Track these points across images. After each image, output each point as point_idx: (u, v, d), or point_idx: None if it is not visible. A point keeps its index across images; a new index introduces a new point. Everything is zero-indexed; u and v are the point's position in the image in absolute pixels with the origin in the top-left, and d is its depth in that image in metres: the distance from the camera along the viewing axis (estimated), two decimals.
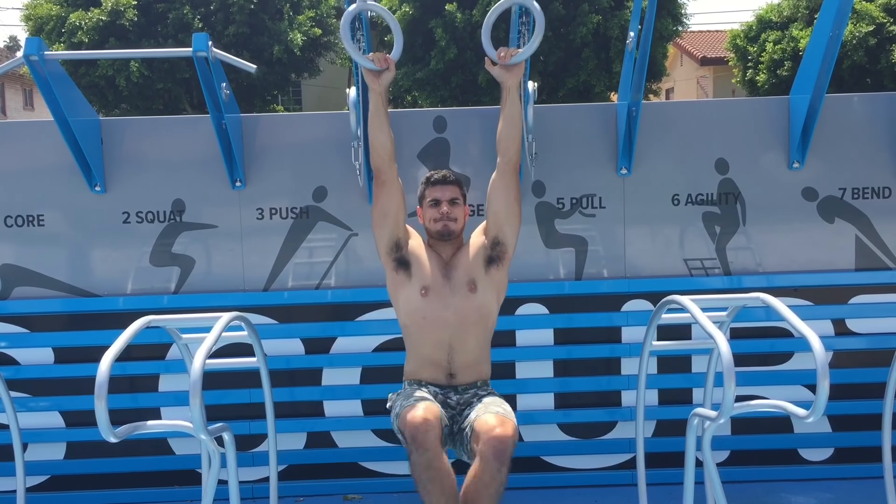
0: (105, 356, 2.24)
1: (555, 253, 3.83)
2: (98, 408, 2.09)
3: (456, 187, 3.20)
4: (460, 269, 3.12)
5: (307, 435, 3.86)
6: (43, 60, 3.26)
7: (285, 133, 3.83)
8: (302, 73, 20.47)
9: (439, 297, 3.09)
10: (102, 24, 17.37)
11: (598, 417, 3.86)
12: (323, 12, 20.01)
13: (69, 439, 3.83)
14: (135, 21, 17.66)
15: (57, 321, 3.79)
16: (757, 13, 21.72)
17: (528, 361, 3.84)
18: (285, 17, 18.97)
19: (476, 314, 3.10)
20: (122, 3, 17.64)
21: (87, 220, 3.78)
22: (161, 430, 2.36)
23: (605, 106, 3.83)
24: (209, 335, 2.36)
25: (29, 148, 3.77)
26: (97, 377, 2.15)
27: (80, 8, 18.02)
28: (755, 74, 21.23)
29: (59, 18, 18.12)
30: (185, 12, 18.00)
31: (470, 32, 18.54)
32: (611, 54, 18.73)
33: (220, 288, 3.81)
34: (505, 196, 3.13)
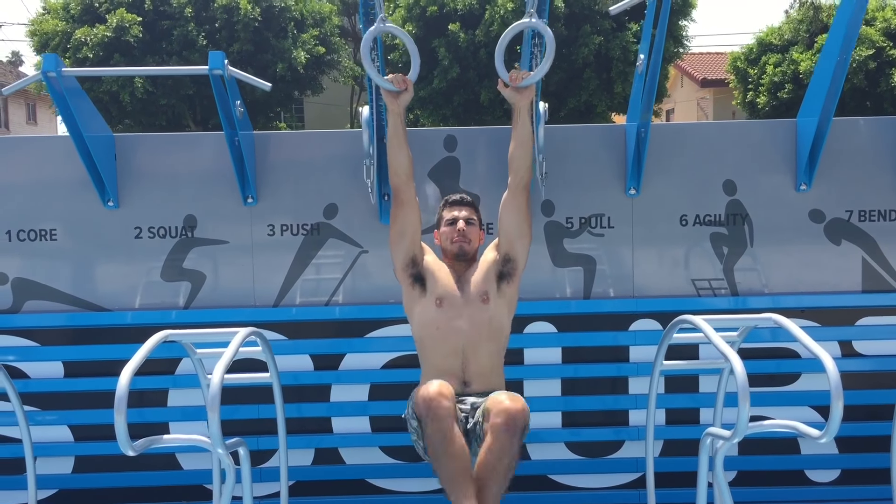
0: (124, 370, 2.26)
1: (563, 272, 3.85)
2: (118, 421, 2.10)
3: (472, 209, 3.34)
4: (473, 284, 3.22)
5: (315, 451, 3.86)
6: (60, 76, 3.30)
7: (297, 150, 3.87)
8: (305, 90, 20.57)
9: (453, 306, 3.17)
10: (107, 41, 17.47)
11: (605, 436, 3.87)
12: (326, 31, 20.14)
13: (78, 453, 3.83)
14: (139, 38, 17.76)
15: (67, 335, 3.81)
16: (757, 36, 21.90)
17: (535, 380, 3.85)
18: (289, 35, 19.09)
19: (488, 326, 3.18)
20: (127, 19, 17.76)
21: (100, 234, 3.80)
22: (178, 444, 2.38)
23: (614, 127, 3.87)
24: (227, 350, 2.38)
25: (43, 163, 3.80)
26: (117, 391, 2.17)
27: (86, 24, 18.14)
28: (756, 96, 21.36)
29: (65, 34, 18.23)
30: (189, 29, 18.12)
31: (472, 52, 18.69)
32: (612, 75, 18.86)
33: (230, 303, 3.83)
34: (516, 214, 3.19)
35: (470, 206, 3.34)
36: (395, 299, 3.81)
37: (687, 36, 20.18)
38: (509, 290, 3.25)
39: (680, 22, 19.95)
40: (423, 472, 3.75)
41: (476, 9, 18.45)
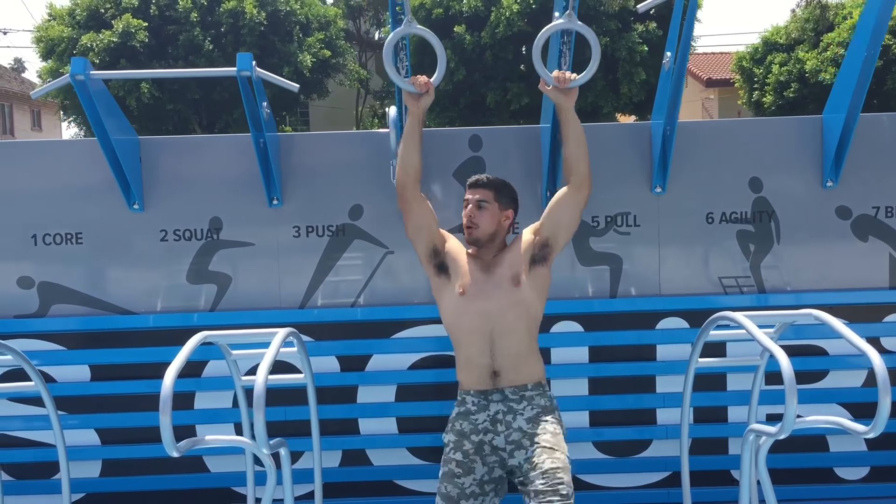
0: (168, 372, 2.25)
1: (589, 271, 3.85)
2: (163, 423, 2.10)
3: (487, 191, 3.19)
4: (503, 267, 3.13)
5: (342, 453, 3.86)
6: (88, 80, 3.30)
7: (322, 152, 3.86)
8: (311, 94, 20.58)
9: (479, 291, 3.11)
10: (114, 46, 17.51)
11: (633, 436, 3.86)
12: (332, 34, 20.17)
13: (105, 457, 3.83)
14: (146, 43, 17.79)
15: (93, 339, 3.80)
16: (763, 35, 21.88)
17: (562, 379, 3.84)
18: (295, 39, 19.12)
19: (519, 307, 3.09)
20: (133, 25, 17.79)
21: (126, 238, 3.80)
22: (221, 445, 2.37)
23: (639, 125, 3.87)
24: (269, 350, 2.37)
25: (69, 166, 3.80)
26: (161, 392, 2.16)
27: (92, 30, 18.17)
28: (761, 96, 21.34)
29: (71, 40, 18.27)
30: (195, 34, 18.15)
31: (478, 54, 18.70)
32: (618, 76, 18.86)
33: (256, 305, 3.83)
34: (573, 208, 3.22)
35: (486, 188, 3.20)
36: (421, 300, 3.82)
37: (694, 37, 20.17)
38: (542, 272, 3.18)
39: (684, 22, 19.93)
40: None
41: (481, 11, 18.46)
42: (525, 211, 3.79)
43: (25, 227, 3.78)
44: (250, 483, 3.05)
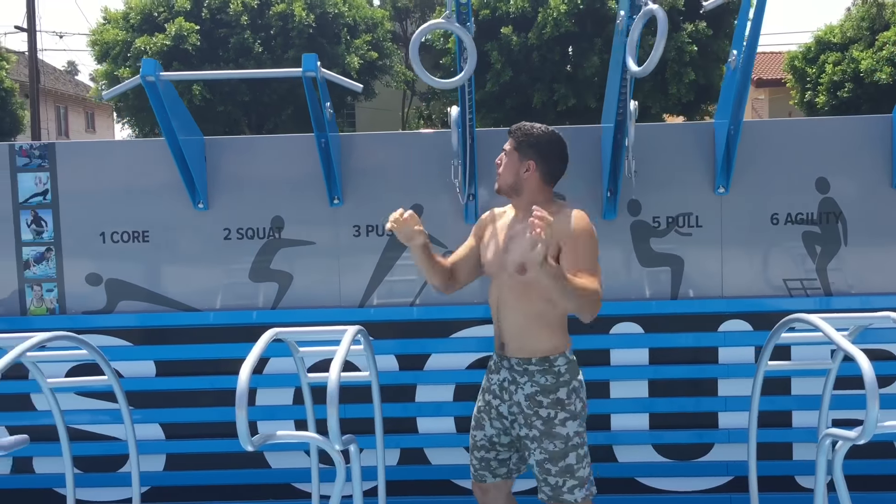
0: (243, 368, 2.29)
1: (650, 272, 3.81)
2: (239, 417, 2.13)
3: (510, 139, 2.98)
4: (520, 245, 2.80)
5: (400, 451, 3.87)
6: (158, 81, 3.37)
7: (383, 151, 3.89)
8: (358, 96, 20.73)
9: (493, 263, 2.95)
10: (167, 49, 17.83)
11: (694, 439, 3.81)
12: (379, 36, 20.29)
13: (169, 451, 3.90)
14: (197, 46, 18.08)
15: (159, 335, 3.88)
16: (815, 34, 21.47)
17: (622, 381, 3.82)
18: (343, 41, 19.27)
19: (522, 290, 2.83)
20: (185, 28, 18.10)
21: (190, 236, 3.87)
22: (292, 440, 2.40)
23: (702, 124, 3.82)
24: (340, 347, 2.40)
25: (137, 165, 3.88)
26: (238, 387, 2.20)
27: (145, 33, 18.52)
28: (814, 96, 20.94)
29: (125, 43, 18.64)
30: (245, 37, 18.40)
31: (525, 55, 18.65)
32: (666, 76, 18.64)
33: (316, 304, 3.87)
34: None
35: (510, 136, 2.98)
36: (479, 300, 3.82)
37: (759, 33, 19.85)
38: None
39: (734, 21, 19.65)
40: None
41: (528, 12, 18.41)
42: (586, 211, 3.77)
43: (94, 225, 3.87)
44: (315, 479, 3.08)
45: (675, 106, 19.79)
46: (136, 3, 19.20)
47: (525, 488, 3.73)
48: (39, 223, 3.85)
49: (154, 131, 20.04)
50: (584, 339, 3.78)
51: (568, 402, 2.87)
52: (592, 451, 3.81)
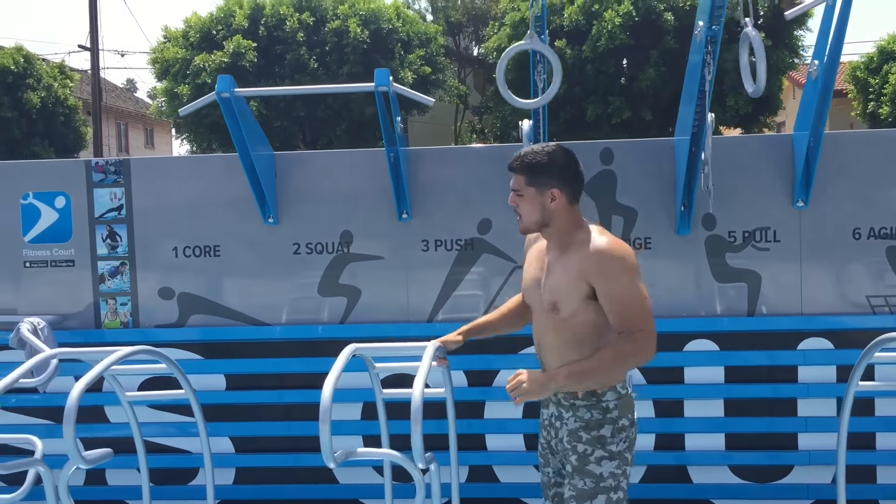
0: (326, 384, 2.28)
1: (725, 288, 3.71)
2: (322, 433, 2.12)
3: (519, 176, 2.57)
4: (550, 284, 2.55)
5: (469, 468, 3.83)
6: (233, 97, 3.40)
7: (451, 166, 3.87)
8: (411, 109, 20.82)
9: (531, 301, 2.70)
10: (225, 66, 18.12)
11: (772, 461, 3.69)
12: (432, 51, 20.36)
13: (238, 465, 3.91)
14: (254, 62, 18.37)
15: (229, 349, 3.90)
16: (878, 44, 20.94)
17: (696, 400, 3.72)
18: (396, 56, 19.38)
19: (558, 329, 2.55)
20: (243, 45, 18.39)
21: (260, 250, 3.89)
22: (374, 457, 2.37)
23: (779, 136, 3.73)
24: (423, 363, 2.37)
25: (209, 181, 3.93)
26: (321, 404, 2.19)
27: (204, 51, 18.87)
28: (877, 107, 20.40)
29: (185, 61, 19.02)
30: (301, 53, 18.63)
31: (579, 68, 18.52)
32: (724, 88, 18.33)
33: (384, 318, 3.85)
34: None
35: (517, 172, 2.58)
36: None
37: (803, 45, 19.46)
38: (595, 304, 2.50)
39: (795, 32, 19.27)
40: None
41: (583, 25, 18.30)
42: (659, 226, 3.71)
43: (167, 239, 3.92)
44: (388, 496, 3.05)
45: (733, 118, 19.44)
46: (195, 21, 19.60)
47: None
48: (114, 238, 3.92)
49: (211, 147, 20.40)
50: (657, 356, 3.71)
51: (610, 441, 2.51)
52: (665, 472, 3.75)
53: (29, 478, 3.20)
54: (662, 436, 3.75)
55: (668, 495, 3.74)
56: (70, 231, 3.93)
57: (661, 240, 3.73)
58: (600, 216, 3.74)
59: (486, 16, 25.23)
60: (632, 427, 2.58)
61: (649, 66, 18.42)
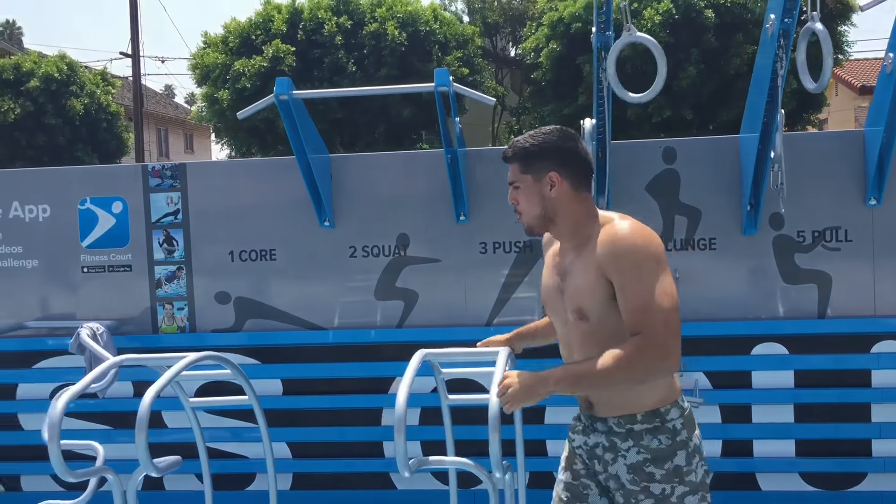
0: (400, 391, 2.22)
1: (794, 289, 3.60)
2: (398, 442, 2.06)
3: (514, 165, 2.27)
4: (572, 285, 2.18)
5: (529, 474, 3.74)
6: (291, 99, 3.37)
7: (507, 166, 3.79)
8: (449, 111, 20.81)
9: (554, 316, 2.35)
10: (264, 71, 18.23)
11: (845, 468, 3.57)
12: (469, 52, 20.29)
13: (296, 470, 3.88)
14: (293, 66, 18.46)
15: (285, 353, 3.87)
16: None
17: (765, 405, 3.61)
18: (434, 58, 19.35)
19: (589, 340, 2.15)
20: (282, 50, 18.47)
21: (316, 254, 3.86)
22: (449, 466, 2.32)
23: (852, 133, 3.61)
24: (497, 368, 2.31)
25: (265, 184, 3.90)
26: (396, 410, 2.13)
27: (244, 56, 19.01)
28: None
29: (224, 66, 19.17)
30: (339, 56, 18.68)
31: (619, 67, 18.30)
32: None
33: (442, 322, 3.80)
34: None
35: (511, 162, 2.28)
36: None
37: (848, 42, 19.05)
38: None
39: (839, 27, 18.87)
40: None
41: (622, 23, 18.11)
42: (724, 226, 3.61)
43: (223, 243, 3.90)
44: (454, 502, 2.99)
45: None
46: (234, 26, 19.75)
47: None
48: (171, 242, 3.91)
49: (251, 151, 20.53)
50: (723, 360, 3.62)
51: (688, 471, 2.10)
52: (733, 479, 3.65)
53: (92, 484, 3.20)
54: (729, 442, 3.65)
55: (736, 503, 3.64)
56: (127, 236, 3.93)
57: (726, 240, 3.63)
58: (663, 217, 3.65)
59: (524, 16, 25.08)
60: (701, 446, 2.17)
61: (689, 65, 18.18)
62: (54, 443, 2.18)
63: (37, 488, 4.01)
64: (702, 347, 3.60)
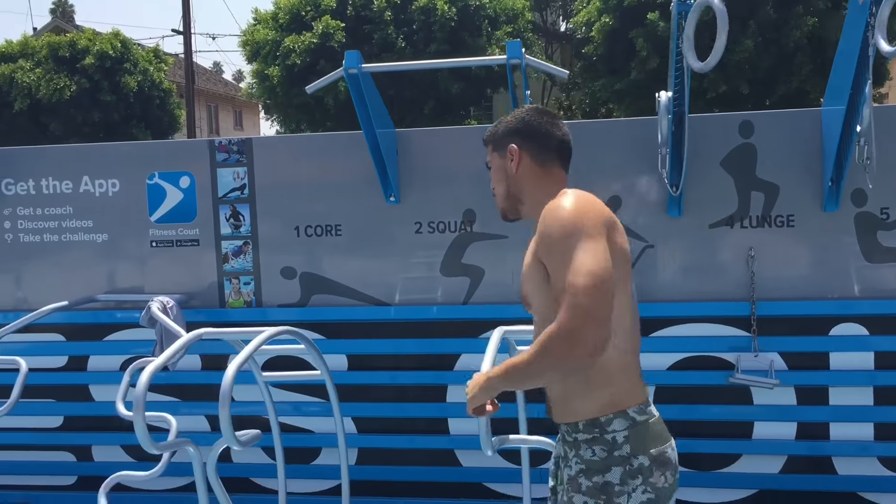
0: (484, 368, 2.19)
1: (877, 268, 3.47)
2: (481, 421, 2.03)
3: (489, 148, 2.19)
4: (522, 277, 2.07)
5: None
6: (361, 73, 3.33)
7: (578, 140, 3.70)
8: (498, 87, 20.62)
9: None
10: (314, 47, 18.28)
11: None
12: (520, 27, 20.07)
13: (361, 445, 3.88)
14: (343, 42, 18.45)
15: (351, 329, 3.87)
16: None
17: (843, 387, 3.51)
18: (483, 33, 19.19)
19: (540, 322, 1.99)
20: (331, 26, 18.48)
21: (381, 230, 3.83)
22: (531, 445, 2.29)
23: None
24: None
25: (330, 159, 3.88)
26: None
27: (294, 32, 19.05)
28: None
29: (275, 42, 19.24)
30: (389, 32, 18.62)
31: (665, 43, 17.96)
32: (828, 58, 17.49)
33: (508, 300, 3.75)
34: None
35: (487, 144, 2.19)
36: (683, 297, 3.61)
37: None
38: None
39: None
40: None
41: None
42: (803, 203, 3.49)
43: (289, 218, 3.89)
44: (526, 482, 2.96)
45: None
46: (284, 3, 19.79)
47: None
48: (237, 217, 3.92)
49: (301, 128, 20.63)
50: (799, 340, 3.52)
51: (619, 491, 1.84)
52: (808, 462, 3.55)
53: (165, 456, 3.24)
54: (805, 424, 3.55)
55: (811, 487, 3.55)
56: (195, 211, 3.94)
57: (805, 217, 3.51)
58: (738, 193, 3.55)
59: None
60: (659, 470, 1.86)
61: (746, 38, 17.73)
62: (139, 415, 2.20)
63: (107, 458, 4.09)
64: (778, 328, 3.51)
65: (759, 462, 3.61)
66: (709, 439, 3.62)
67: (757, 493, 3.62)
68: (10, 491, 4.15)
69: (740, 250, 3.55)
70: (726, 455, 3.64)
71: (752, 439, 3.61)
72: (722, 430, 3.62)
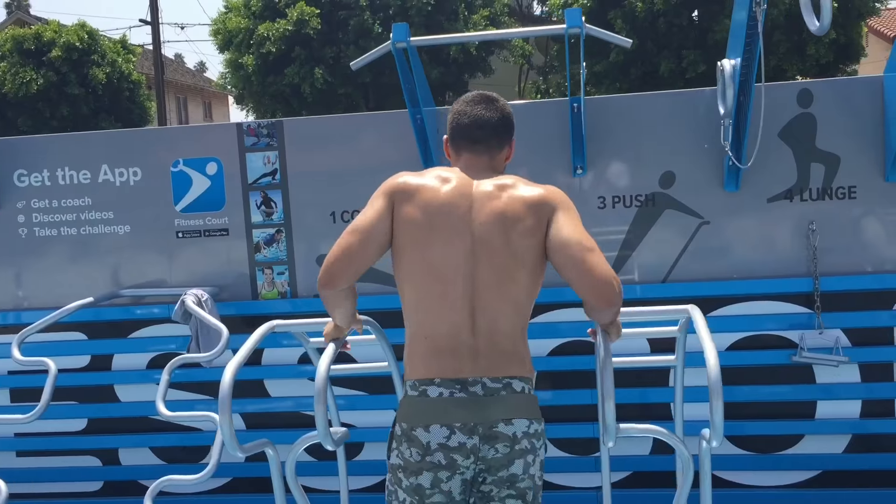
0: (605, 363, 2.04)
1: None
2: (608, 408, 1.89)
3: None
4: None
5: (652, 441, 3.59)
6: (409, 47, 3.15)
7: (629, 115, 3.58)
8: (475, 72, 20.45)
9: None
10: (289, 34, 17.95)
11: None
12: (497, 10, 19.91)
13: None
14: (318, 29, 18.14)
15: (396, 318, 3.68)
16: None
17: None
18: (460, 17, 18.99)
19: None
20: (306, 12, 18.15)
21: None
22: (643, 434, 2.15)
23: None
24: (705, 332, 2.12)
25: (367, 141, 3.70)
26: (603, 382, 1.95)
27: (267, 20, 18.69)
28: None
29: (248, 31, 18.86)
30: (365, 18, 18.35)
31: (650, 22, 17.92)
32: (804, 36, 17.55)
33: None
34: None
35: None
36: (740, 274, 3.50)
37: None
38: None
39: None
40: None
41: None
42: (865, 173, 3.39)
43: (324, 204, 3.71)
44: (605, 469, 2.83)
45: (813, 67, 18.65)
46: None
47: None
48: (269, 204, 3.72)
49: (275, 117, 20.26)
50: (863, 315, 3.42)
51: (387, 451, 2.13)
52: (874, 440, 3.46)
53: (214, 458, 3.05)
54: (870, 402, 3.46)
55: (878, 465, 3.46)
56: (223, 198, 3.74)
57: (867, 188, 3.40)
58: (798, 164, 3.43)
59: None
60: (406, 444, 2.01)
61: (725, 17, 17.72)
62: (226, 415, 2.02)
63: (135, 462, 3.89)
64: (841, 303, 3.41)
65: (822, 442, 3.51)
66: (770, 420, 3.52)
67: (820, 474, 3.53)
68: (32, 500, 3.93)
69: (801, 224, 3.44)
70: (788, 437, 3.54)
71: (814, 419, 3.50)
72: (784, 411, 3.52)
